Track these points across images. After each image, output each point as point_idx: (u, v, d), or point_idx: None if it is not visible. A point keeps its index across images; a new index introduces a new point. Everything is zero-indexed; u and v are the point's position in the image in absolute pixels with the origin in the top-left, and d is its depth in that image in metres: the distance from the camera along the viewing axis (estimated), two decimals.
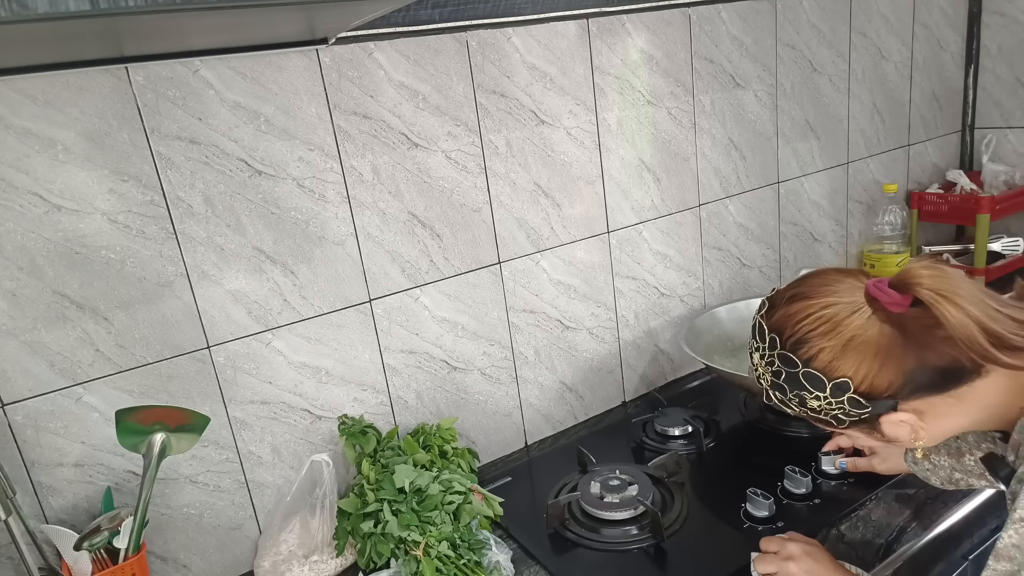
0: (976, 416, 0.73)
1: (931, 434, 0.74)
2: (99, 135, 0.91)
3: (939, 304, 0.66)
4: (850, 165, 1.82)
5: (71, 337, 0.93)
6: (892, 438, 0.74)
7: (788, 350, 0.74)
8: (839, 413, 0.74)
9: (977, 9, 1.97)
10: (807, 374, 0.73)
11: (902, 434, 0.73)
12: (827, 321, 0.72)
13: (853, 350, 0.70)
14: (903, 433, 0.73)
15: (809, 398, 0.74)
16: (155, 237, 0.96)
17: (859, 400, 0.71)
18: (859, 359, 0.70)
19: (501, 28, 1.19)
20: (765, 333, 0.77)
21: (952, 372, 0.70)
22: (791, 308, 0.75)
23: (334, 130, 1.07)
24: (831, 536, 1.02)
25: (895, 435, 0.74)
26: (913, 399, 0.71)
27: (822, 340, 0.71)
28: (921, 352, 0.69)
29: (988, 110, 2.05)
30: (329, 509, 1.07)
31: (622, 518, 1.08)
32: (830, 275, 0.77)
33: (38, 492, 0.94)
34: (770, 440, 1.28)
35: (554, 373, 1.40)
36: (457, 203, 1.20)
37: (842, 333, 0.71)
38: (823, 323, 0.72)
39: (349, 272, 1.12)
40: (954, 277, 0.69)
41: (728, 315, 1.51)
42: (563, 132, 1.30)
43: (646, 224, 1.46)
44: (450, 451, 1.16)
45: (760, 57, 1.56)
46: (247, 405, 1.07)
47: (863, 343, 0.70)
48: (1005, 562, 0.66)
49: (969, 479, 0.93)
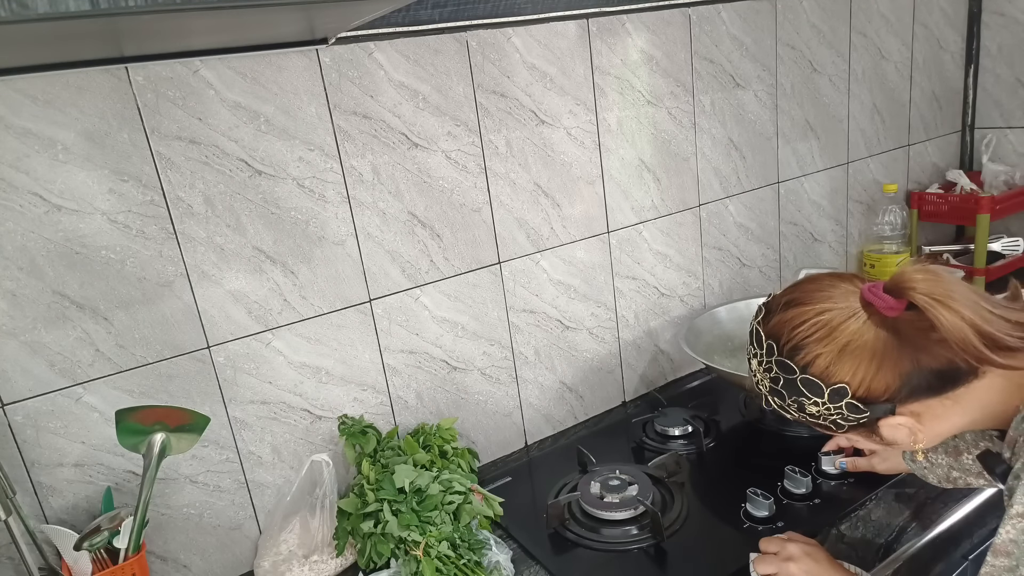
0: (973, 416, 0.74)
1: (929, 436, 0.74)
2: (99, 135, 0.91)
3: (933, 308, 0.67)
4: (850, 165, 1.82)
5: (71, 337, 0.93)
6: (891, 441, 0.75)
7: (785, 356, 0.74)
8: (838, 418, 0.74)
9: (977, 9, 1.97)
10: (804, 380, 0.73)
11: (900, 437, 0.74)
12: (823, 327, 0.72)
13: (849, 355, 0.71)
14: (901, 436, 0.73)
15: (807, 404, 0.74)
16: (155, 237, 0.96)
17: (857, 405, 0.72)
18: (856, 364, 0.71)
19: (501, 28, 1.19)
20: (762, 339, 0.77)
21: (948, 374, 0.70)
22: (787, 314, 0.75)
23: (334, 130, 1.07)
24: (831, 536, 1.02)
25: (894, 438, 0.74)
26: (910, 402, 0.71)
27: (818, 346, 0.72)
28: (917, 355, 0.70)
29: (988, 110, 2.05)
30: (329, 509, 1.07)
31: (622, 518, 1.08)
32: (824, 280, 0.77)
33: (38, 492, 0.94)
34: (770, 440, 1.28)
35: (554, 373, 1.40)
36: (457, 203, 1.21)
37: (838, 338, 0.71)
38: (819, 329, 0.72)
39: (349, 272, 1.12)
40: (948, 280, 0.69)
41: (728, 315, 1.51)
42: (563, 132, 1.30)
43: (646, 224, 1.46)
44: (450, 451, 1.16)
45: (760, 57, 1.56)
46: (247, 405, 1.07)
47: (859, 348, 0.70)
48: (1003, 557, 0.66)
49: (967, 477, 0.93)
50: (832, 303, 0.73)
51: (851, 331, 0.71)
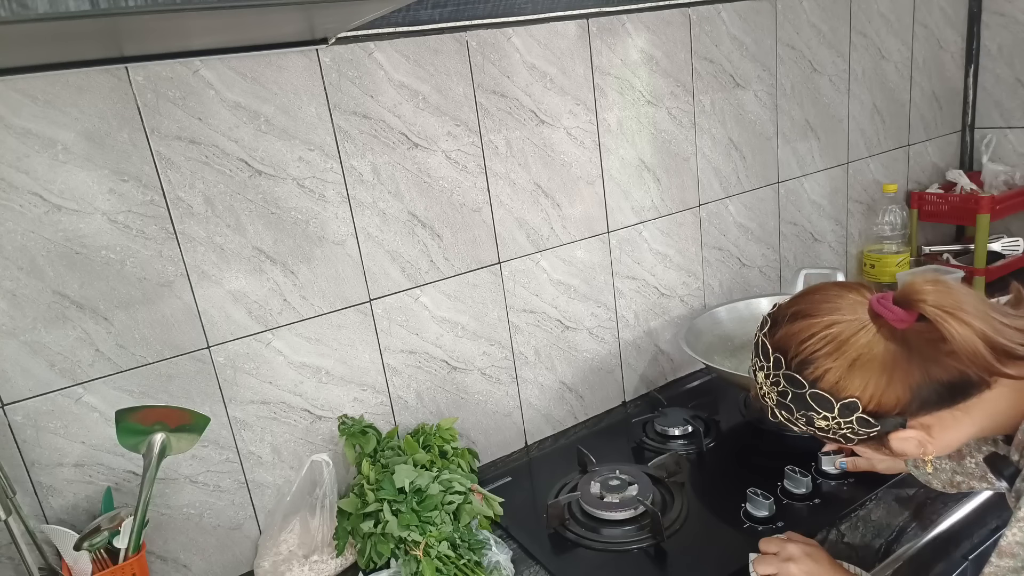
0: (983, 424, 0.73)
1: (939, 446, 0.73)
2: (99, 135, 0.91)
3: (944, 320, 0.66)
4: (850, 165, 1.82)
5: (71, 337, 0.93)
6: (901, 453, 0.74)
7: (794, 370, 0.73)
8: (847, 432, 0.73)
9: (977, 9, 1.97)
10: (814, 395, 0.72)
11: (910, 449, 0.73)
12: (832, 340, 0.70)
13: (860, 369, 0.69)
14: (911, 448, 0.72)
15: (817, 418, 0.73)
16: (155, 237, 0.96)
17: (867, 419, 0.71)
18: (866, 378, 0.69)
19: (501, 28, 1.19)
20: (769, 352, 0.76)
21: (959, 386, 0.69)
22: (794, 327, 0.74)
23: (334, 130, 1.07)
24: (831, 536, 1.02)
25: (903, 450, 0.73)
26: (921, 415, 0.70)
27: (828, 360, 0.70)
28: (927, 367, 0.68)
29: (988, 110, 2.05)
30: (329, 509, 1.07)
31: (622, 518, 1.08)
32: (831, 290, 0.75)
33: (38, 492, 0.94)
34: (770, 440, 1.28)
35: (554, 373, 1.40)
36: (457, 203, 1.20)
37: (848, 352, 0.70)
38: (828, 342, 0.71)
39: (349, 272, 1.12)
40: (958, 291, 0.68)
41: (728, 315, 1.51)
42: (563, 132, 1.30)
43: (646, 224, 1.46)
44: (450, 451, 1.16)
45: (760, 57, 1.56)
46: (247, 405, 1.07)
47: (869, 361, 0.69)
48: (1008, 559, 0.66)
49: (970, 481, 0.93)
50: (840, 315, 0.72)
51: (861, 344, 0.70)
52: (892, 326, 0.69)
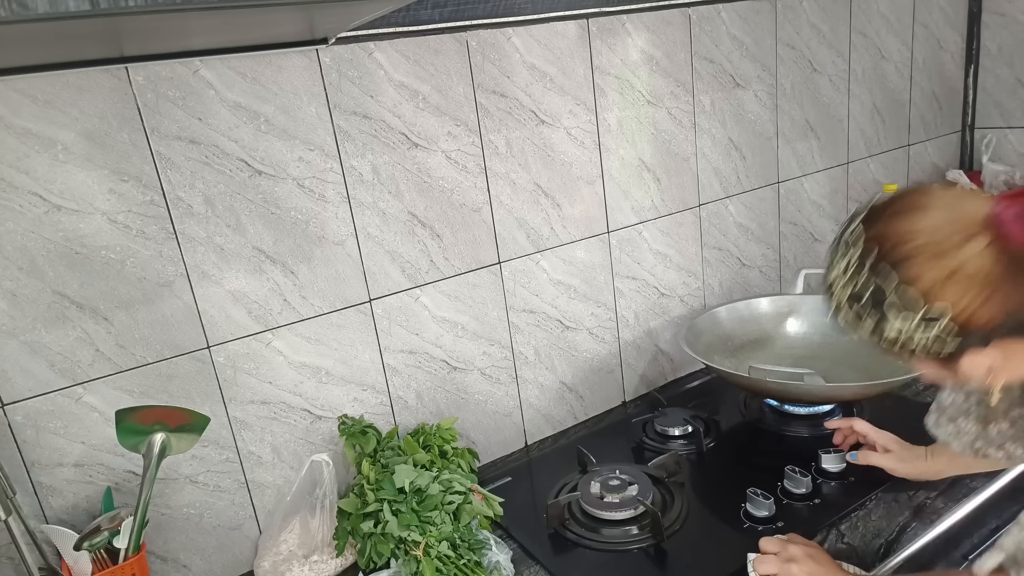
0: None
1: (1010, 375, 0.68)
2: (99, 135, 0.91)
3: None
4: (850, 165, 1.82)
5: (71, 337, 0.93)
6: (966, 376, 0.69)
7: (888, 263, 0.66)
8: (922, 342, 0.67)
9: (977, 9, 1.97)
10: (901, 295, 0.66)
11: (979, 372, 0.68)
12: (939, 243, 0.65)
13: (960, 280, 0.64)
14: (980, 371, 0.68)
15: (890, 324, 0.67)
16: (155, 237, 0.96)
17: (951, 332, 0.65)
18: (964, 290, 0.64)
19: (501, 28, 1.19)
20: (860, 240, 0.69)
21: None
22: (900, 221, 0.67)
23: (334, 130, 1.07)
24: (831, 536, 1.02)
25: (971, 373, 0.68)
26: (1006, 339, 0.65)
27: (928, 262, 0.64)
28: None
29: (988, 110, 2.05)
30: (329, 509, 1.07)
31: (622, 518, 1.08)
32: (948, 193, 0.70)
33: (38, 492, 0.94)
34: (770, 440, 1.28)
35: (554, 373, 1.40)
36: (457, 203, 1.20)
37: (952, 259, 0.64)
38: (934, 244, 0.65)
39: (349, 272, 1.12)
40: None
41: (728, 315, 1.51)
42: (563, 132, 1.30)
43: (646, 224, 1.46)
44: (450, 451, 1.16)
45: (760, 57, 1.56)
46: (247, 405, 1.07)
47: (973, 274, 0.63)
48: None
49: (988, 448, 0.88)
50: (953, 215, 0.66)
51: (968, 254, 0.64)
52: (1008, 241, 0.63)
